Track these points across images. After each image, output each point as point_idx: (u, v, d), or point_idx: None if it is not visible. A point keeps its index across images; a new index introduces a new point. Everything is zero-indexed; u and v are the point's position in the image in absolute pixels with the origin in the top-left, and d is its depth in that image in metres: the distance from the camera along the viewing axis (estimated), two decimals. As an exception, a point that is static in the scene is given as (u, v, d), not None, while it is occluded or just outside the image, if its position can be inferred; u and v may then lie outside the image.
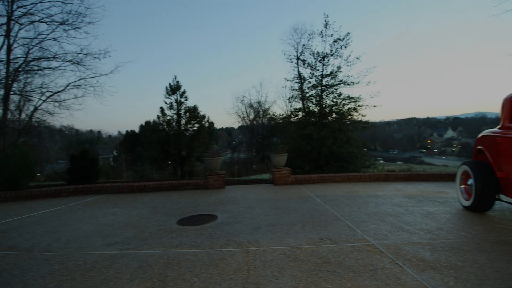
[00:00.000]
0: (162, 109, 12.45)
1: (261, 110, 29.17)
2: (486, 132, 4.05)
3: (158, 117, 12.31)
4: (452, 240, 3.05)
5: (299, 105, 12.74)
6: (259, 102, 29.51)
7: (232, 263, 2.58)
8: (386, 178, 7.41)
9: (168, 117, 12.39)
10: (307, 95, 12.38)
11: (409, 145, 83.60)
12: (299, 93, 12.67)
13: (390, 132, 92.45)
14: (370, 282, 2.20)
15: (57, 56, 9.78)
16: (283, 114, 13.74)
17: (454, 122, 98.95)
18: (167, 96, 12.44)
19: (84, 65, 10.12)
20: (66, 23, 9.53)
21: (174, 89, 12.27)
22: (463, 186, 4.37)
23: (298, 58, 12.78)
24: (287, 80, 13.26)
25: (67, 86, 10.29)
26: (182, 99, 12.53)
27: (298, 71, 13.30)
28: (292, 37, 15.01)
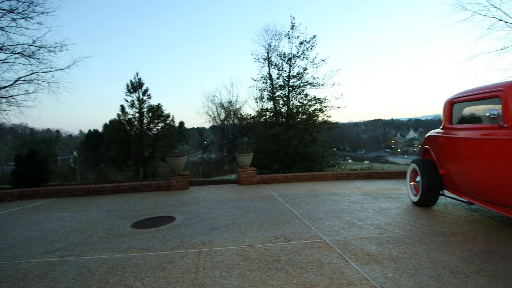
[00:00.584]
0: (122, 107, 11.90)
1: (232, 110, 29.08)
2: (431, 132, 4.32)
3: (119, 115, 11.77)
4: (397, 233, 3.21)
5: (266, 105, 12.87)
6: (230, 102, 29.40)
7: (181, 265, 2.52)
8: (348, 176, 7.68)
9: (130, 116, 11.87)
10: (275, 95, 12.53)
11: (375, 145, 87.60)
12: (267, 93, 12.80)
13: (358, 132, 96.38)
14: (315, 277, 2.24)
15: (4, 47, 9.02)
16: (251, 114, 13.81)
17: (415, 123, 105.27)
18: (128, 93, 11.92)
19: (37, 58, 9.42)
20: (15, 11, 8.81)
21: (135, 86, 11.79)
22: (412, 183, 4.63)
23: (265, 59, 12.89)
24: (254, 80, 13.34)
25: (17, 80, 9.51)
26: (145, 97, 12.08)
27: (270, 72, 13.42)
28: (263, 37, 15.12)
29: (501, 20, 12.14)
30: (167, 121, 12.41)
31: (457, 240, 2.99)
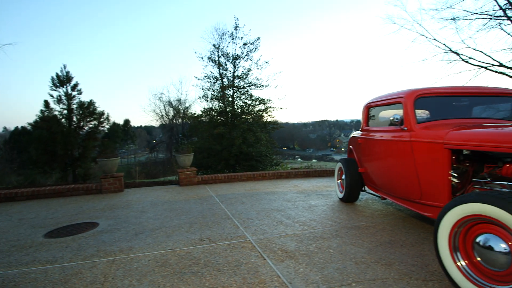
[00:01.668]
0: (46, 103, 10.61)
1: (181, 109, 28.17)
2: (353, 133, 4.68)
3: (42, 112, 10.50)
4: (319, 229, 3.40)
5: (211, 104, 12.75)
6: (179, 100, 28.41)
7: (87, 277, 2.34)
8: (288, 175, 7.95)
9: (56, 113, 10.68)
10: (219, 95, 12.47)
11: (322, 145, 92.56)
12: (211, 92, 12.68)
13: (307, 132, 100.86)
14: (229, 278, 2.25)
15: None
16: (195, 113, 13.54)
17: (357, 124, 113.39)
18: (54, 88, 10.69)
19: None
20: None
21: (63, 80, 10.65)
22: (339, 181, 4.95)
23: (209, 58, 12.74)
24: (198, 79, 13.11)
25: None
26: (75, 93, 10.98)
27: (214, 71, 13.29)
28: (213, 36, 14.89)
29: (422, 35, 13.65)
30: (101, 119, 11.44)
31: (368, 232, 3.26)
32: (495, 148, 2.26)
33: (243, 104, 12.28)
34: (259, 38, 12.22)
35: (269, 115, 12.27)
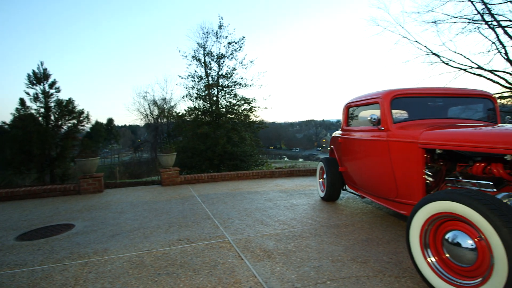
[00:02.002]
0: (22, 101, 10.16)
1: (166, 108, 27.78)
2: (334, 133, 4.73)
3: (18, 110, 10.07)
4: (298, 228, 3.41)
5: (195, 104, 12.63)
6: (164, 99, 28.02)
7: (57, 280, 2.26)
8: (272, 175, 7.97)
9: (32, 111, 10.25)
10: (203, 94, 12.36)
11: (309, 144, 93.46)
12: (195, 91, 12.56)
13: (293, 132, 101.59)
14: (204, 279, 2.23)
15: None
16: (179, 113, 13.37)
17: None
18: (30, 85, 10.24)
19: None
20: None
21: (39, 77, 10.24)
22: (321, 180, 5.00)
23: (193, 57, 12.60)
24: (181, 78, 12.95)
25: None
26: (52, 90, 10.56)
27: (205, 70, 13.11)
28: (199, 35, 14.80)
29: (405, 37, 13.99)
30: (81, 118, 11.07)
31: (347, 230, 3.30)
32: (464, 148, 2.33)
33: (228, 104, 12.24)
34: (243, 37, 12.23)
35: (254, 115, 12.29)
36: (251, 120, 12.25)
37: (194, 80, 12.48)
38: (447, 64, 13.43)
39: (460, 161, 2.71)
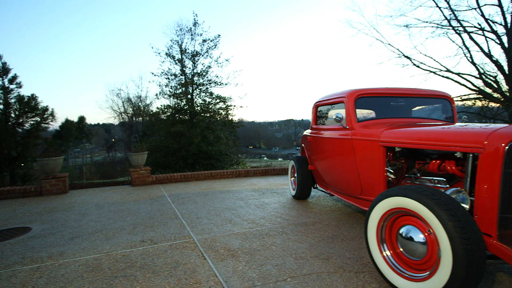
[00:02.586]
0: (-23, 96, 9.49)
1: (141, 106, 26.98)
2: (305, 132, 4.78)
3: (-27, 106, 9.36)
4: (266, 227, 3.41)
5: (169, 102, 12.37)
6: (139, 97, 27.20)
7: (3, 287, 2.11)
8: (247, 174, 7.94)
9: (-11, 108, 9.55)
10: (177, 92, 12.13)
11: (288, 143, 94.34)
12: (169, 89, 12.28)
13: (273, 131, 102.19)
14: (163, 280, 2.16)
15: None
16: (153, 111, 13.02)
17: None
18: (-14, 80, 9.57)
19: None
20: None
21: (-2, 72, 9.58)
22: (292, 178, 5.04)
23: (167, 54, 12.28)
24: (155, 75, 12.58)
25: None
26: (13, 86, 9.91)
27: (179, 67, 12.80)
28: (175, 32, 14.42)
29: (378, 40, 14.45)
30: (45, 115, 10.45)
31: (314, 228, 3.34)
32: (420, 145, 2.42)
33: (203, 102, 12.07)
34: (219, 35, 12.12)
35: (229, 113, 12.20)
36: (228, 119, 12.15)
37: (168, 78, 12.20)
38: (417, 66, 14.04)
39: (419, 159, 2.81)
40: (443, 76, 13.40)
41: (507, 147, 1.83)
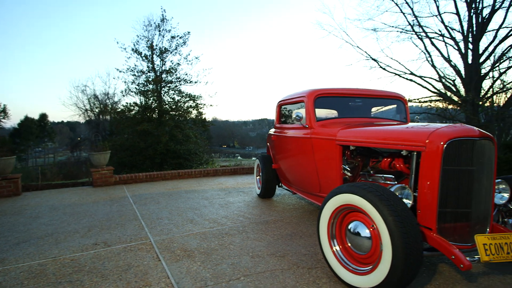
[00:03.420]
0: None
1: (109, 103, 25.81)
2: (270, 131, 4.82)
3: None
4: (227, 226, 3.39)
5: (136, 99, 11.96)
6: (106, 94, 25.98)
7: None
8: (215, 173, 7.86)
9: None
10: (144, 89, 11.74)
11: (262, 143, 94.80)
12: (135, 86, 11.84)
13: (247, 130, 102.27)
14: (111, 284, 2.07)
15: None
16: (118, 109, 12.49)
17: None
18: None
19: None
20: None
21: None
22: (258, 177, 5.05)
23: (133, 50, 11.83)
24: (120, 72, 12.06)
25: None
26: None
27: (146, 64, 12.35)
28: (145, 27, 13.91)
29: (348, 42, 14.91)
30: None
31: (275, 226, 3.37)
32: (371, 144, 2.52)
33: (171, 100, 11.78)
34: (189, 32, 11.91)
35: (200, 112, 12.01)
36: (201, 117, 11.95)
37: (135, 75, 11.75)
38: (384, 69, 14.66)
39: (373, 157, 2.93)
40: (407, 79, 14.09)
41: (445, 145, 1.95)
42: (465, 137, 1.95)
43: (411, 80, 14.57)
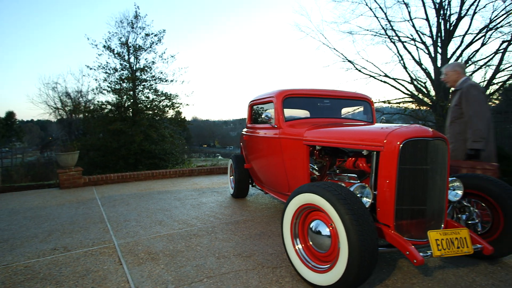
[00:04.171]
0: None
1: (82, 101, 24.76)
2: (243, 131, 4.81)
3: None
4: (196, 227, 3.34)
5: (108, 98, 11.58)
6: (79, 92, 24.91)
7: None
8: (191, 173, 7.75)
9: None
10: (117, 87, 11.36)
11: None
12: (107, 84, 11.45)
13: (227, 130, 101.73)
14: (66, 291, 1.98)
15: None
16: (90, 107, 12.01)
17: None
18: None
19: None
20: None
21: None
22: (231, 177, 5.03)
23: (105, 47, 11.40)
24: (91, 69, 11.59)
25: None
26: None
27: (119, 61, 11.93)
28: (116, 24, 13.42)
29: (325, 44, 15.19)
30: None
31: (245, 226, 3.36)
32: (335, 144, 2.57)
33: (146, 99, 11.48)
34: (164, 30, 11.68)
35: (177, 111, 11.79)
36: (180, 117, 11.72)
37: (107, 72, 11.33)
38: (359, 71, 15.09)
39: (339, 157, 2.99)
40: (381, 81, 14.59)
41: (401, 145, 2.02)
42: (419, 137, 2.03)
43: (385, 82, 15.07)
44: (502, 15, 10.94)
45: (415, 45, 13.72)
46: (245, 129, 4.55)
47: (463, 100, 3.23)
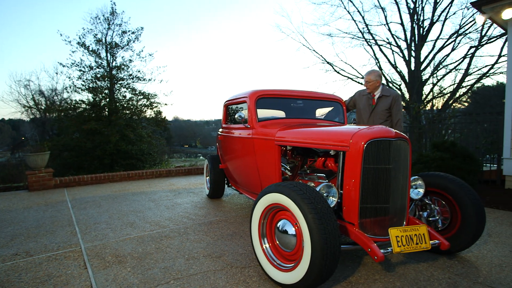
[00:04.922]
0: None
1: (57, 100, 23.79)
2: (218, 131, 4.79)
3: None
4: (168, 228, 3.30)
5: (81, 96, 11.21)
6: (54, 90, 23.92)
7: None
8: (168, 173, 7.63)
9: None
10: (92, 86, 11.00)
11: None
12: (81, 82, 11.06)
13: (209, 130, 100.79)
14: (24, 298, 1.90)
15: None
16: (61, 106, 11.56)
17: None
18: None
19: None
20: None
21: None
22: (207, 177, 4.99)
23: (80, 44, 11.01)
24: (64, 66, 11.15)
25: None
26: None
27: (94, 58, 11.54)
28: (91, 20, 12.97)
29: (305, 45, 15.39)
30: None
31: (218, 226, 3.35)
32: (304, 144, 2.61)
33: (123, 98, 11.18)
34: (142, 28, 11.44)
35: (158, 111, 11.56)
36: (159, 117, 11.49)
37: (81, 70, 10.93)
38: (338, 72, 15.41)
39: (310, 157, 3.04)
40: (359, 82, 14.99)
41: (365, 145, 2.08)
42: (382, 137, 2.10)
43: (362, 84, 15.47)
44: (471, 21, 11.52)
45: (390, 48, 14.21)
46: (220, 129, 4.54)
47: (394, 106, 3.74)
